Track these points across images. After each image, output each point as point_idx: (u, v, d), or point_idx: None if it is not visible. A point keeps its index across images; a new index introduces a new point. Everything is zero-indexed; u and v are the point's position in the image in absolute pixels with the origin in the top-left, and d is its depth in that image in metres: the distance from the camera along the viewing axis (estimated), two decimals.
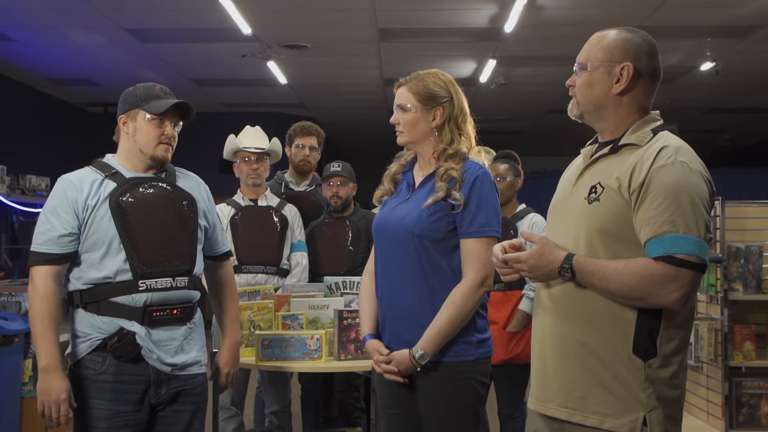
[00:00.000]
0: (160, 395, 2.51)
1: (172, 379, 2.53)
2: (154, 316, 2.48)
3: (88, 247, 2.46)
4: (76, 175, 2.53)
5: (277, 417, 3.96)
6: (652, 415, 1.85)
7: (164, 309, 2.49)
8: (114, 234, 2.45)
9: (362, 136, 14.08)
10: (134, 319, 2.46)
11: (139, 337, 2.46)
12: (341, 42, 7.87)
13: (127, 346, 2.44)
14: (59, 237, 2.44)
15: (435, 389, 2.41)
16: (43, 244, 2.44)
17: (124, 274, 2.45)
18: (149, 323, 2.47)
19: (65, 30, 7.31)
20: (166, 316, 2.50)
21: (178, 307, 2.53)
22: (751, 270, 3.90)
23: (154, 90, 2.58)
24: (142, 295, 2.46)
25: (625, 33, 1.98)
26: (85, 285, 2.47)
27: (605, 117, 1.99)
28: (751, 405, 3.95)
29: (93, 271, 2.46)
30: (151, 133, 2.53)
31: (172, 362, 2.51)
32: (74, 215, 2.45)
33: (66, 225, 2.44)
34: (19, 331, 4.59)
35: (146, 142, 2.54)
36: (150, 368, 2.48)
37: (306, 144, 4.33)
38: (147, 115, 2.53)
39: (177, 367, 2.53)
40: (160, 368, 2.49)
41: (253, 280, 3.90)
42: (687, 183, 1.82)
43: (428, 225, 2.39)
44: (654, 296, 1.80)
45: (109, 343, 2.44)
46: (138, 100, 2.55)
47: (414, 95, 2.47)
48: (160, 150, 2.55)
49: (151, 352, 2.48)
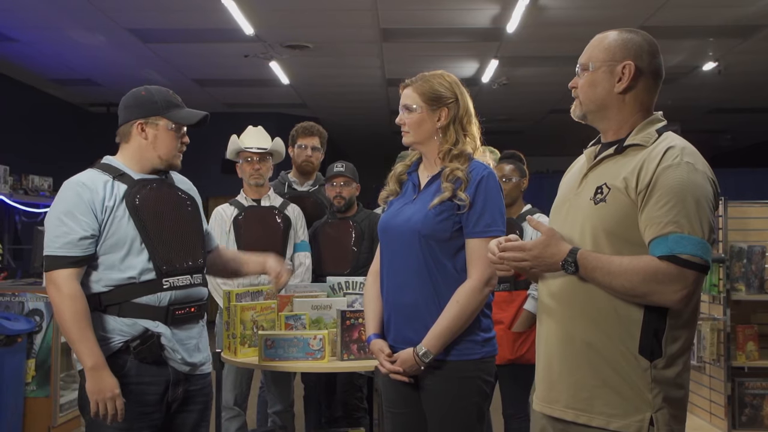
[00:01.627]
0: (176, 395, 2.52)
1: (189, 378, 2.55)
2: (177, 314, 2.49)
3: (107, 249, 2.45)
4: (86, 176, 2.51)
5: (280, 417, 3.97)
6: (658, 415, 1.85)
7: (184, 307, 2.52)
8: (135, 234, 2.45)
9: (364, 136, 14.08)
10: (158, 319, 2.46)
11: (165, 338, 2.46)
12: (343, 42, 7.87)
13: (153, 348, 2.44)
14: (80, 239, 2.41)
15: (440, 388, 2.41)
16: (62, 247, 2.40)
17: (148, 274, 2.46)
18: (173, 322, 2.48)
19: (67, 30, 7.32)
20: (186, 314, 2.53)
21: (195, 305, 2.56)
22: (754, 270, 3.90)
23: (169, 96, 2.59)
24: (166, 294, 2.47)
25: (626, 33, 1.99)
26: (106, 287, 2.45)
27: (608, 117, 1.99)
28: (754, 405, 3.95)
29: (114, 272, 2.44)
30: (173, 143, 2.56)
31: (191, 361, 2.54)
32: (93, 217, 2.43)
33: (86, 227, 2.42)
34: (23, 331, 4.60)
35: (167, 150, 2.56)
36: (170, 369, 2.49)
37: (308, 144, 4.34)
38: (171, 124, 2.55)
39: (194, 367, 2.55)
40: (180, 368, 2.51)
41: (256, 280, 3.89)
42: (692, 184, 1.82)
43: (435, 225, 2.40)
44: (656, 295, 1.80)
45: (132, 345, 2.44)
46: (159, 107, 2.55)
47: (420, 96, 2.48)
48: (178, 158, 2.61)
49: (175, 353, 2.49)
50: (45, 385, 4.75)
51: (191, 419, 2.58)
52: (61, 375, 4.91)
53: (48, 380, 4.76)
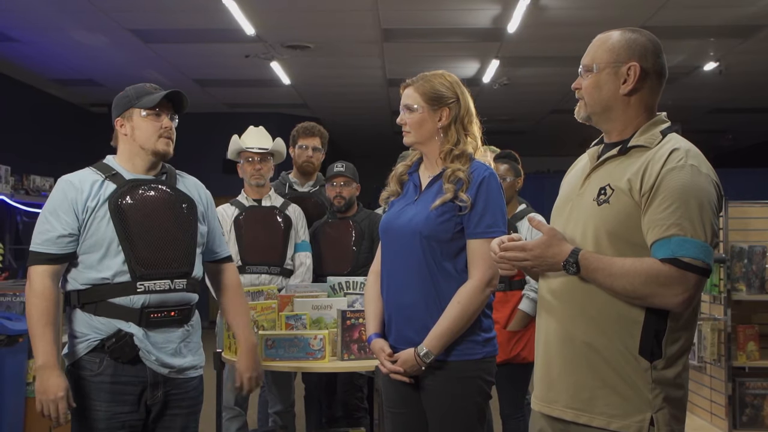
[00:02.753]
0: (156, 397, 2.51)
1: (169, 381, 2.53)
2: (152, 317, 2.48)
3: (87, 248, 2.47)
4: (77, 176, 2.53)
5: (281, 417, 3.97)
6: (659, 415, 1.85)
7: (162, 311, 2.49)
8: (113, 236, 2.45)
9: (366, 136, 14.08)
10: (131, 320, 2.46)
11: (137, 339, 2.46)
12: (344, 42, 7.88)
13: (125, 348, 2.44)
14: (58, 237, 2.44)
15: (440, 388, 2.42)
16: (42, 244, 2.45)
17: (122, 276, 2.46)
18: (147, 325, 2.47)
19: (69, 30, 7.33)
20: (163, 317, 2.50)
21: (175, 309, 2.53)
22: (755, 270, 3.90)
23: (144, 88, 2.58)
24: (140, 297, 2.46)
25: (629, 33, 1.97)
26: (83, 285, 2.48)
27: (613, 118, 1.98)
28: (755, 405, 3.94)
29: (92, 272, 2.46)
30: (149, 129, 2.54)
31: (169, 364, 2.51)
32: (74, 216, 2.45)
33: (65, 226, 2.45)
34: (24, 331, 4.59)
35: (146, 138, 2.54)
36: (147, 370, 2.48)
37: (309, 145, 4.34)
38: (142, 111, 2.53)
39: (174, 370, 2.53)
40: (158, 370, 2.50)
41: (257, 280, 3.91)
42: (696, 187, 1.82)
43: (436, 226, 2.40)
44: (657, 297, 1.80)
45: (107, 344, 2.45)
46: (130, 99, 2.56)
47: (421, 96, 2.48)
48: (161, 144, 2.55)
49: (149, 354, 2.48)
50: None
51: (177, 424, 2.57)
52: None
53: None
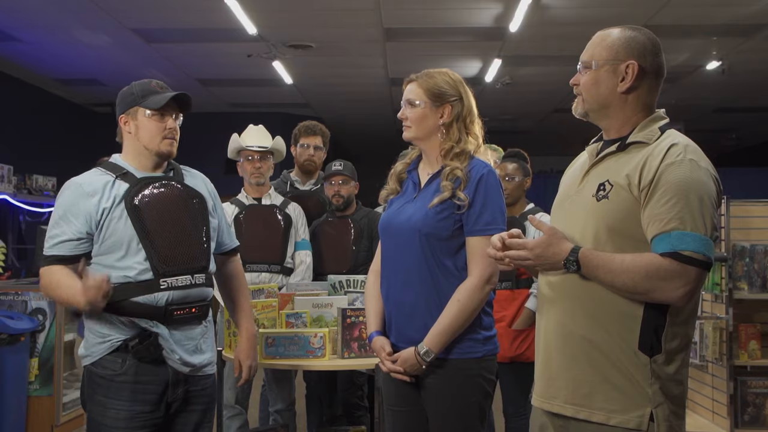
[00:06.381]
0: (176, 395, 2.51)
1: (189, 379, 2.53)
2: (175, 315, 2.47)
3: (106, 249, 2.46)
4: (87, 178, 2.52)
5: (282, 415, 3.97)
6: (658, 410, 1.85)
7: (184, 307, 2.50)
8: (132, 234, 2.45)
9: (368, 135, 14.09)
10: (156, 318, 2.45)
11: (162, 338, 2.46)
12: (347, 42, 7.88)
13: (150, 348, 2.44)
14: (67, 241, 2.45)
15: (441, 386, 2.41)
16: (52, 248, 2.46)
17: (144, 274, 2.45)
18: (170, 322, 2.47)
19: (72, 30, 7.34)
20: (185, 314, 2.50)
21: (195, 306, 2.53)
22: (756, 269, 3.89)
23: (149, 86, 2.57)
24: (163, 294, 2.46)
25: (629, 31, 1.98)
26: None
27: (610, 115, 1.99)
28: (757, 404, 3.94)
29: (112, 272, 2.43)
30: (153, 129, 2.53)
31: (191, 362, 2.52)
32: (84, 221, 2.44)
33: (75, 231, 2.44)
34: (26, 330, 4.61)
35: (150, 139, 2.53)
36: (169, 369, 2.48)
37: (311, 144, 4.34)
38: (147, 111, 2.52)
39: (195, 368, 2.54)
40: (179, 369, 2.50)
41: (257, 278, 3.91)
42: (695, 181, 1.82)
43: (435, 223, 2.40)
44: (658, 291, 1.80)
45: (130, 344, 2.44)
46: (136, 98, 2.54)
47: (423, 91, 2.47)
48: (165, 145, 2.54)
49: (173, 353, 2.48)
50: (48, 384, 4.77)
51: (193, 420, 2.57)
52: (64, 374, 4.92)
53: (51, 379, 4.77)
